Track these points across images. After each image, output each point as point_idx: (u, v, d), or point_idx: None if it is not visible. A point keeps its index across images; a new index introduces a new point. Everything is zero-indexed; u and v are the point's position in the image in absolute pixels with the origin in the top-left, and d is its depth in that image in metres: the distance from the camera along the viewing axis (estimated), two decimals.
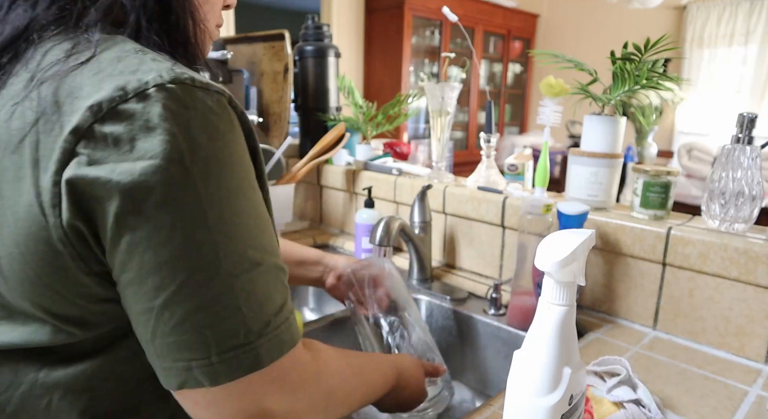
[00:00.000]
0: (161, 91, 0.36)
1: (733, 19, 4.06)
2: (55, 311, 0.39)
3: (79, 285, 0.38)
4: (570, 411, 0.44)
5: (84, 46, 0.39)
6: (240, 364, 0.38)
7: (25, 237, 0.37)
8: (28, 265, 0.37)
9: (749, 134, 0.76)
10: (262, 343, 0.38)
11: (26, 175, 0.36)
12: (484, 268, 1.06)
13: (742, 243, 0.73)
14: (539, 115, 0.95)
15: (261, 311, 0.39)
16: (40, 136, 0.36)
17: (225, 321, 0.37)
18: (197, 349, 0.37)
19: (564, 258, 0.41)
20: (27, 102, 0.37)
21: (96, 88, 0.36)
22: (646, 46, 0.81)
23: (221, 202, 0.38)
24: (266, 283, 0.40)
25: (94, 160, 0.35)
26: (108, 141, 0.35)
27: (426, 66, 4.32)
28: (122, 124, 0.35)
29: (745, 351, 0.75)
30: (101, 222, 0.36)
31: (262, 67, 1.42)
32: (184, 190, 0.36)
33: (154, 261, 0.36)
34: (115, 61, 0.38)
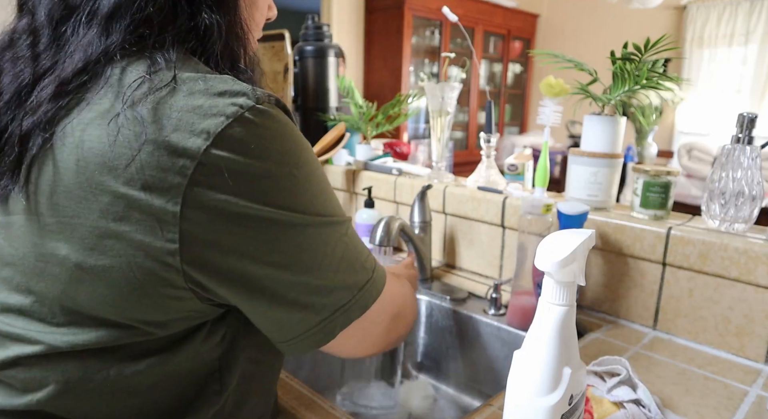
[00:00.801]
0: (256, 114, 0.40)
1: (733, 19, 4.06)
2: (143, 318, 0.42)
3: (175, 298, 0.42)
4: (570, 411, 0.44)
5: (162, 64, 0.42)
6: (371, 293, 0.49)
7: (135, 249, 0.39)
8: (132, 275, 0.40)
9: (749, 134, 0.76)
10: (376, 275, 0.50)
11: (135, 194, 0.38)
12: (484, 268, 1.06)
13: (742, 243, 0.73)
14: (539, 115, 0.95)
15: (364, 253, 0.50)
16: (145, 157, 0.38)
17: (353, 268, 0.48)
18: (347, 295, 0.47)
19: (564, 258, 0.41)
20: (124, 122, 0.39)
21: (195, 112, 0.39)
22: (646, 46, 0.81)
23: (322, 193, 0.46)
24: (354, 232, 0.50)
25: (216, 186, 0.39)
26: (224, 167, 0.39)
27: (426, 66, 4.32)
28: (231, 150, 0.39)
29: (745, 351, 0.75)
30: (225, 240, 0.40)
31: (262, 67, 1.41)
32: (299, 194, 0.43)
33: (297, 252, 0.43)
34: (203, 82, 0.41)
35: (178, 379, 0.46)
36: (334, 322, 0.46)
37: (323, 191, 0.46)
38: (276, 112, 0.42)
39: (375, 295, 0.49)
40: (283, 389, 0.66)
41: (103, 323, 0.42)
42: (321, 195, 0.45)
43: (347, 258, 0.47)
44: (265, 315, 0.45)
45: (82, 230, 0.39)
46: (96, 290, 0.40)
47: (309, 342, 0.47)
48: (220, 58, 0.47)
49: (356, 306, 0.47)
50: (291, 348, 0.47)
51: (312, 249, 0.44)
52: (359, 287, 0.48)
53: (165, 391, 0.46)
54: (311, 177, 0.45)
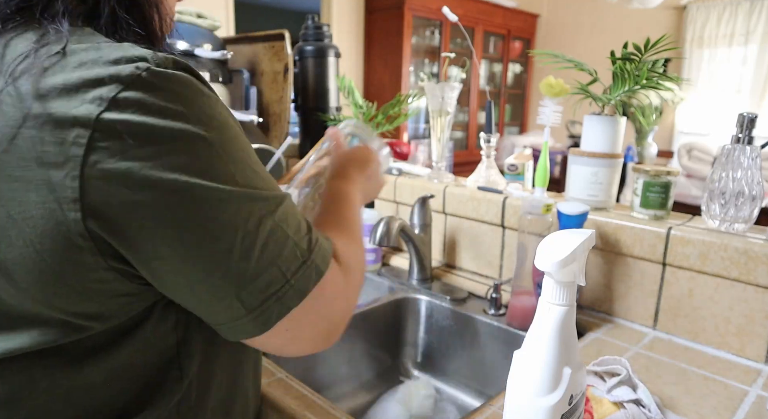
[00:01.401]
0: (155, 76, 0.37)
1: (733, 19, 4.06)
2: (72, 309, 0.39)
3: (98, 281, 0.38)
4: (570, 411, 0.44)
5: (53, 37, 0.38)
6: (309, 277, 0.43)
7: (40, 235, 0.36)
8: (44, 263, 0.37)
9: (749, 134, 0.76)
10: (315, 256, 0.44)
11: (31, 174, 0.35)
12: (484, 268, 1.06)
13: (742, 243, 0.73)
14: (539, 115, 0.95)
15: (300, 232, 0.44)
16: (34, 133, 0.35)
17: (284, 249, 0.42)
18: (277, 280, 0.41)
19: (564, 258, 0.41)
20: (6, 98, 0.36)
21: (87, 80, 0.36)
22: (646, 46, 0.81)
23: (241, 161, 0.41)
24: (291, 210, 0.44)
25: (117, 152, 0.35)
26: (123, 131, 0.35)
27: (426, 66, 4.32)
28: (131, 113, 0.35)
29: (745, 351, 0.75)
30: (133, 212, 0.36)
31: (262, 67, 1.42)
32: (213, 160, 0.38)
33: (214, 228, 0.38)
34: (95, 51, 0.37)
35: (133, 372, 0.43)
36: (269, 311, 0.41)
37: (244, 160, 0.41)
38: (180, 74, 0.38)
39: (314, 279, 0.43)
40: (283, 389, 0.66)
41: (33, 321, 0.39)
42: (241, 163, 0.40)
43: (276, 238, 0.41)
44: (188, 299, 0.41)
45: None
46: (14, 285, 0.38)
47: (241, 331, 0.42)
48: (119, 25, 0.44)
49: (292, 291, 0.42)
50: (226, 333, 0.43)
51: (231, 225, 0.39)
52: (294, 270, 0.42)
53: (122, 385, 0.43)
54: (228, 143, 0.40)
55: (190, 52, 1.23)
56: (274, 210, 0.42)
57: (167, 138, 0.36)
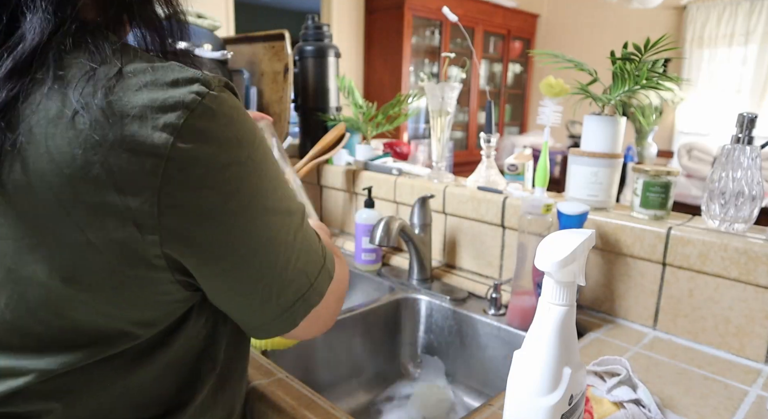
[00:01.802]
0: (213, 101, 0.39)
1: (733, 19, 4.06)
2: (135, 318, 0.43)
3: (164, 293, 0.43)
4: (570, 411, 0.44)
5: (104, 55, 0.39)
6: (325, 280, 0.51)
7: (119, 257, 0.39)
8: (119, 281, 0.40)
9: (749, 134, 0.76)
10: (326, 262, 0.51)
11: (109, 200, 0.37)
12: (484, 268, 1.06)
13: (742, 243, 0.73)
14: (539, 115, 0.95)
15: (317, 243, 0.51)
16: (111, 160, 0.36)
17: (309, 258, 0.49)
18: (305, 283, 0.48)
19: (564, 258, 0.41)
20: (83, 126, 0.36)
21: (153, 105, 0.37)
22: (646, 46, 0.81)
23: (278, 175, 0.46)
24: (308, 222, 0.50)
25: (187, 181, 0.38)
26: (193, 161, 0.38)
27: (426, 66, 4.32)
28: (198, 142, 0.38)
29: (745, 351, 0.75)
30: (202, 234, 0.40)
31: (262, 67, 1.42)
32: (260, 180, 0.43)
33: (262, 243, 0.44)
34: (150, 73, 0.39)
35: (177, 367, 0.48)
36: (296, 311, 0.48)
37: (277, 173, 0.46)
38: (227, 95, 0.41)
39: (328, 281, 0.51)
40: (283, 389, 0.66)
41: (95, 335, 0.42)
42: (276, 178, 0.45)
43: (305, 247, 0.48)
44: (233, 304, 0.47)
45: (60, 247, 0.38)
46: (85, 300, 0.40)
47: (273, 330, 0.49)
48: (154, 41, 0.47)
49: (314, 294, 0.49)
50: (257, 334, 0.50)
51: (276, 239, 0.44)
52: (315, 275, 0.49)
53: (168, 380, 0.48)
54: (266, 159, 0.44)
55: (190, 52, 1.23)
56: (302, 223, 0.48)
57: (228, 165, 0.40)
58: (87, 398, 0.43)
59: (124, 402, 0.45)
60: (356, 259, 1.16)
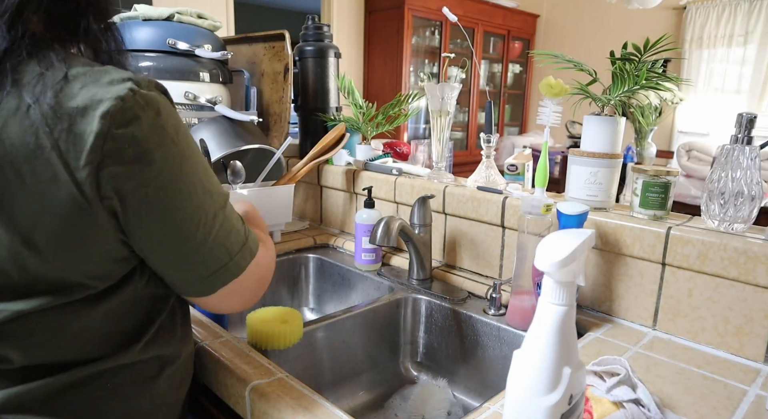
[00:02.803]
0: (142, 97, 0.50)
1: (732, 20, 4.06)
2: (88, 271, 0.52)
3: (109, 250, 0.52)
4: (570, 411, 0.44)
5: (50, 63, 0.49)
6: (248, 255, 0.61)
7: (68, 218, 0.48)
8: (72, 239, 0.49)
9: (748, 134, 0.76)
10: (249, 241, 0.61)
11: (59, 174, 0.47)
12: (484, 268, 1.06)
13: (742, 243, 0.73)
14: (539, 115, 0.95)
15: (239, 223, 0.61)
16: (60, 144, 0.46)
17: (231, 235, 0.59)
18: (225, 255, 0.58)
19: (564, 258, 0.41)
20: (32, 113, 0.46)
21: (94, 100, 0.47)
22: (646, 47, 0.82)
23: (200, 162, 0.56)
24: (232, 208, 0.61)
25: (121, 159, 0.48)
26: (125, 142, 0.48)
27: (426, 66, 4.32)
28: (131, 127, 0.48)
29: (745, 351, 0.75)
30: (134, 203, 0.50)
31: (262, 67, 1.42)
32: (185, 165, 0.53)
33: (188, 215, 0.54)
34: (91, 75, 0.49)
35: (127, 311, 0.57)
36: (216, 279, 0.58)
37: (202, 164, 0.56)
38: (155, 93, 0.51)
39: (249, 258, 0.60)
40: (283, 389, 0.67)
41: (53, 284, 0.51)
42: (201, 167, 0.56)
43: (226, 226, 0.58)
44: (160, 265, 0.57)
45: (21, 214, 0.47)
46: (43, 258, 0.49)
47: (194, 291, 0.59)
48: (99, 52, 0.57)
49: (233, 267, 0.58)
50: (182, 291, 0.60)
51: (198, 214, 0.54)
52: (236, 251, 0.59)
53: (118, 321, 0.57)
54: (192, 151, 0.55)
55: (190, 52, 1.23)
56: (224, 206, 0.58)
57: (156, 147, 0.50)
58: (44, 340, 0.52)
59: (79, 342, 0.54)
60: (356, 259, 1.17)
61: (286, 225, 1.37)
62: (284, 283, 1.27)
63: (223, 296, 0.60)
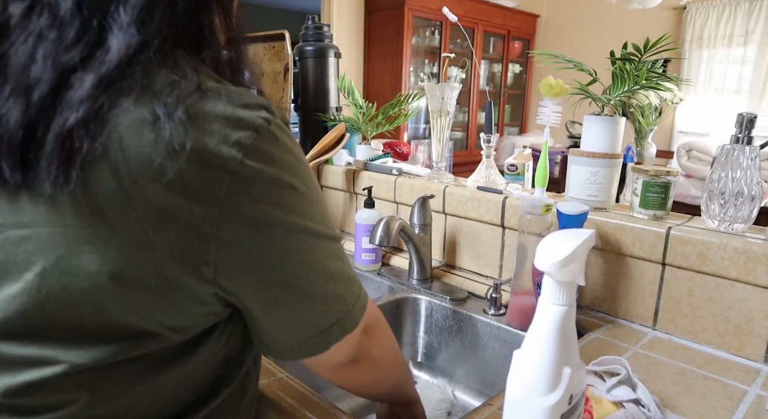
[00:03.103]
0: (276, 128, 0.43)
1: (732, 20, 4.06)
2: (170, 323, 0.43)
3: (203, 303, 0.44)
4: (570, 411, 0.44)
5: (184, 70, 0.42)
6: (360, 310, 0.51)
7: (170, 259, 0.40)
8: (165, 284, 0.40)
9: (748, 134, 0.76)
10: (362, 293, 0.52)
11: (174, 203, 0.39)
12: (484, 268, 1.06)
13: (742, 243, 0.73)
14: (539, 115, 0.95)
15: (353, 273, 0.52)
16: (183, 167, 0.38)
17: (347, 283, 0.50)
18: (343, 308, 0.49)
19: (564, 258, 0.41)
20: (164, 130, 0.38)
21: (227, 122, 0.40)
22: (646, 47, 0.82)
23: (323, 206, 0.48)
24: (346, 255, 0.51)
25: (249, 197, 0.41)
26: (256, 179, 0.41)
27: (426, 66, 4.32)
28: (263, 162, 0.41)
29: (745, 351, 0.75)
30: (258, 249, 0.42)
31: (262, 67, 1.42)
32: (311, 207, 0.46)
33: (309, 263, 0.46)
34: (225, 92, 0.42)
35: (195, 379, 0.48)
36: (330, 335, 0.49)
37: (324, 204, 0.49)
38: (286, 127, 0.45)
39: (362, 310, 0.51)
40: (284, 389, 0.67)
41: (127, 333, 0.42)
42: (324, 207, 0.48)
43: (345, 272, 0.49)
44: (269, 321, 0.47)
45: (118, 241, 0.39)
46: (126, 299, 0.40)
47: (305, 351, 0.49)
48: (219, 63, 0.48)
49: (350, 319, 0.50)
50: (286, 354, 0.50)
51: (323, 261, 0.47)
52: (353, 301, 0.50)
53: (184, 390, 0.48)
54: (316, 188, 0.47)
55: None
56: (342, 250, 0.50)
57: (285, 187, 0.43)
58: (106, 397, 0.43)
59: (140, 406, 0.45)
60: (356, 259, 1.17)
61: None
62: None
63: (331, 353, 0.51)
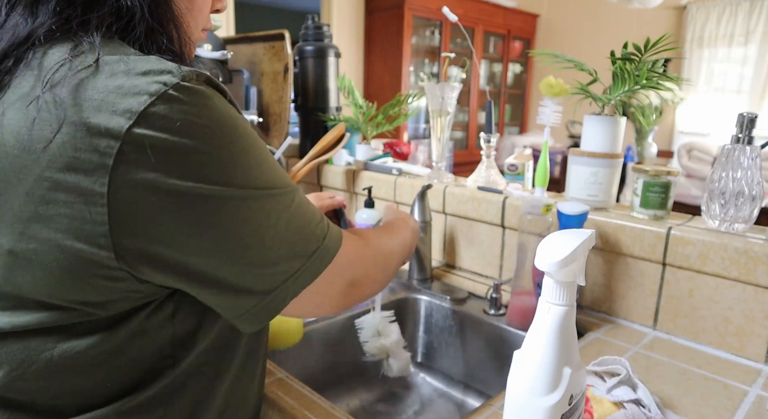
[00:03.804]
0: (180, 90, 0.39)
1: (733, 19, 4.06)
2: (80, 299, 0.42)
3: (111, 279, 0.41)
4: (570, 411, 0.44)
5: (86, 47, 0.41)
6: (323, 259, 0.49)
7: (64, 232, 0.39)
8: (64, 259, 0.39)
9: (749, 134, 0.76)
10: (327, 240, 0.50)
11: (61, 176, 0.38)
12: (484, 268, 1.06)
13: (742, 243, 0.73)
14: (539, 115, 0.95)
15: (314, 220, 0.49)
16: (68, 139, 0.38)
17: (301, 237, 0.47)
18: (296, 263, 0.46)
19: (564, 258, 0.41)
20: (43, 105, 0.39)
21: (117, 92, 0.39)
22: (646, 46, 0.81)
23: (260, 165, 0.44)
24: (303, 201, 0.49)
25: (143, 164, 0.38)
26: (149, 145, 0.38)
27: (426, 66, 4.32)
28: (157, 128, 0.38)
29: (745, 351, 0.75)
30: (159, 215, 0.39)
31: (262, 67, 1.42)
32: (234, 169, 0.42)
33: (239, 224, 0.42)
34: (124, 63, 0.40)
35: (126, 356, 0.45)
36: (285, 292, 0.46)
37: (261, 163, 0.45)
38: (204, 88, 0.41)
39: (326, 262, 0.49)
40: (284, 389, 0.66)
41: (44, 305, 0.42)
42: (259, 167, 0.44)
43: (292, 228, 0.46)
44: (209, 296, 0.45)
45: (9, 216, 0.39)
46: (30, 274, 0.40)
47: (261, 315, 0.46)
48: (145, 41, 0.47)
49: (306, 274, 0.47)
50: (244, 323, 0.47)
51: (253, 223, 0.43)
52: (308, 255, 0.47)
53: (115, 368, 0.45)
54: (248, 150, 0.43)
55: None
56: (290, 204, 0.47)
57: (191, 151, 0.39)
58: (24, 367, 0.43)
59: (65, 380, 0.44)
60: None
61: None
62: None
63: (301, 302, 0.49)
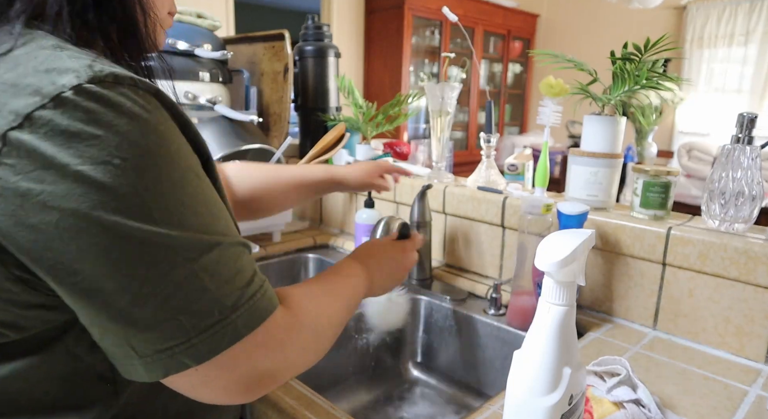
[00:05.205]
0: (80, 94, 0.34)
1: (733, 19, 4.06)
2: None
3: (6, 291, 0.37)
4: (570, 411, 0.44)
5: (4, 38, 0.37)
6: (220, 339, 0.38)
7: None
8: None
9: (749, 134, 0.76)
10: (239, 315, 0.39)
11: None
12: (484, 268, 1.06)
13: (742, 243, 0.73)
14: (539, 115, 0.95)
15: (229, 286, 0.39)
16: None
17: (195, 303, 0.37)
18: (177, 335, 0.37)
19: (564, 258, 0.41)
20: None
21: (10, 91, 0.34)
22: (646, 46, 0.81)
23: (164, 195, 0.36)
24: (228, 260, 0.39)
25: (19, 172, 0.33)
26: (29, 152, 0.33)
27: (426, 66, 4.32)
28: (41, 135, 0.33)
29: (745, 351, 0.75)
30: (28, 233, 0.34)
31: (262, 67, 1.42)
32: (124, 193, 0.35)
33: (108, 265, 0.35)
34: (30, 58, 0.36)
35: (57, 383, 0.41)
36: (160, 363, 0.37)
37: (171, 195, 0.37)
38: (113, 94, 0.35)
39: (226, 343, 0.38)
40: (284, 389, 0.66)
41: None
42: (164, 198, 0.36)
43: (187, 290, 0.37)
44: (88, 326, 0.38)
45: None
46: None
47: (135, 372, 0.38)
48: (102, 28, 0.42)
49: (192, 351, 0.37)
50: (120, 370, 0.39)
51: (128, 267, 0.35)
52: (200, 329, 0.37)
53: (45, 395, 0.41)
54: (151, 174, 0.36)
55: (190, 52, 1.23)
56: (196, 258, 0.37)
57: (69, 164, 0.33)
58: None
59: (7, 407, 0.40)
60: None
61: (286, 225, 1.37)
62: (283, 283, 1.27)
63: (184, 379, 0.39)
